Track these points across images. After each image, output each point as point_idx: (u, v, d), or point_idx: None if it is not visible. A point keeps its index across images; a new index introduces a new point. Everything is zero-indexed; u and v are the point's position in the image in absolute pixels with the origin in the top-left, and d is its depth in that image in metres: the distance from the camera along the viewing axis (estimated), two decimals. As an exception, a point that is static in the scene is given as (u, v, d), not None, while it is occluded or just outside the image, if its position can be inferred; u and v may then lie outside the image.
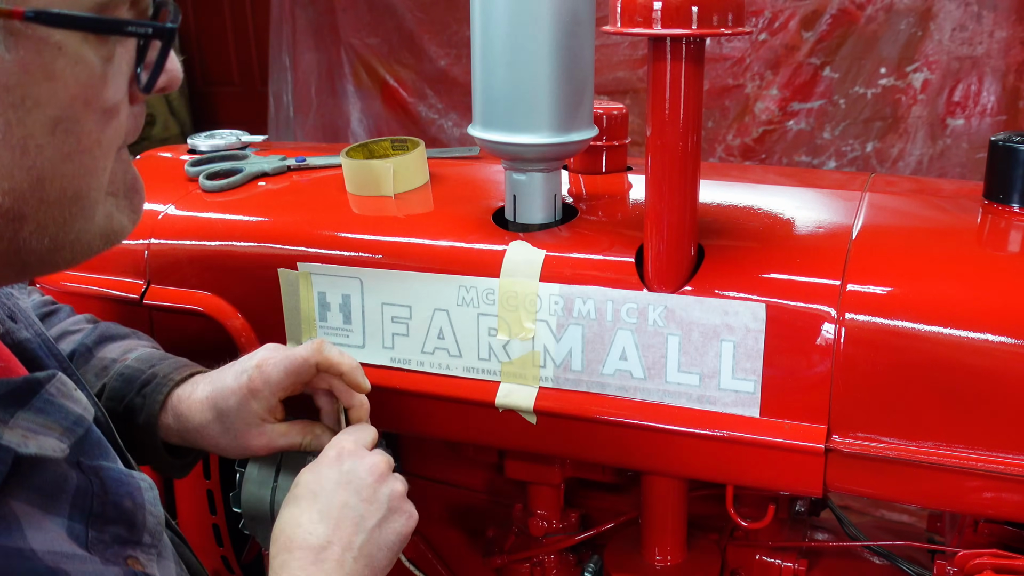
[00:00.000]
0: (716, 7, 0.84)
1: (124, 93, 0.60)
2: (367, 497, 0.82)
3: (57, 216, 0.58)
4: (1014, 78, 2.63)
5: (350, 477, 0.83)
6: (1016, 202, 1.03)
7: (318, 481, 0.82)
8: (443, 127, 3.39)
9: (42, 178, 0.56)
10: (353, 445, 0.86)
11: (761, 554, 1.15)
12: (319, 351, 0.90)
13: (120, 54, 0.58)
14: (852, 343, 0.90)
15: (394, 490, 0.85)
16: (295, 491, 0.83)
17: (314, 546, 0.77)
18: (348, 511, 0.80)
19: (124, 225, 0.65)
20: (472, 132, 1.04)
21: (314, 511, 0.80)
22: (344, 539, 0.79)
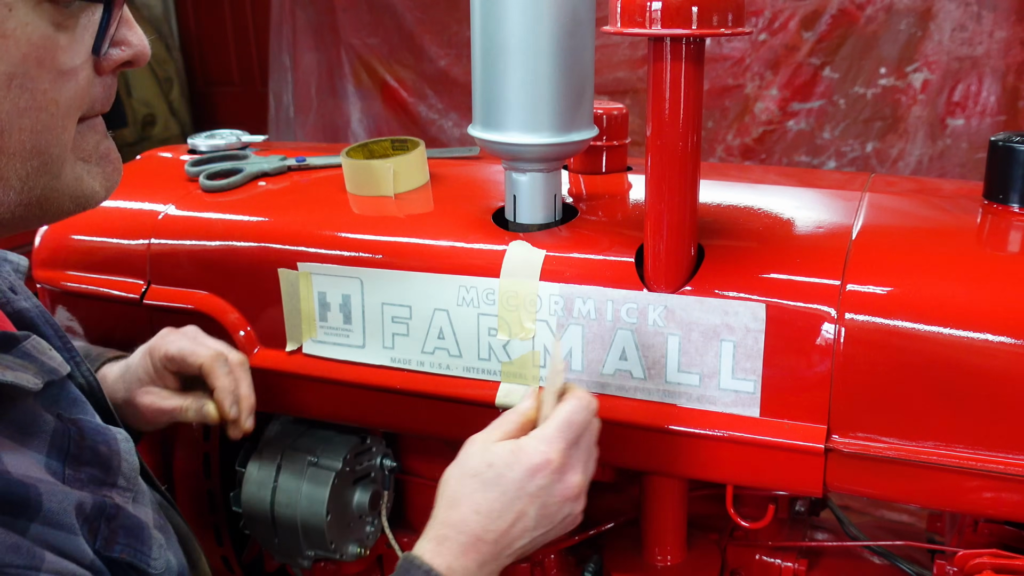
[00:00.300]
0: (716, 7, 0.84)
1: (83, 60, 0.63)
2: (546, 515, 0.83)
3: (19, 169, 0.62)
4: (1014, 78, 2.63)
5: (541, 493, 0.82)
6: (1016, 202, 1.03)
7: (510, 481, 0.82)
8: (443, 127, 3.38)
9: (1, 130, 0.60)
10: (560, 459, 0.82)
11: (761, 554, 1.15)
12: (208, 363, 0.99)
13: (84, 25, 0.62)
14: (852, 343, 0.90)
15: (574, 510, 0.85)
16: (487, 472, 0.82)
17: (482, 539, 0.81)
18: (523, 520, 0.82)
19: (95, 191, 0.69)
20: (472, 132, 1.04)
21: (495, 508, 0.82)
22: (507, 541, 0.82)
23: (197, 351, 0.99)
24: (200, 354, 0.99)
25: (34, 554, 0.62)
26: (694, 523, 1.15)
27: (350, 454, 1.15)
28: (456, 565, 0.80)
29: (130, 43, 0.67)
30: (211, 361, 0.99)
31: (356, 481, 1.17)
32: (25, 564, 0.61)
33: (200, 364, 0.99)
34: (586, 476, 0.85)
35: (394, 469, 1.22)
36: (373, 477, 1.19)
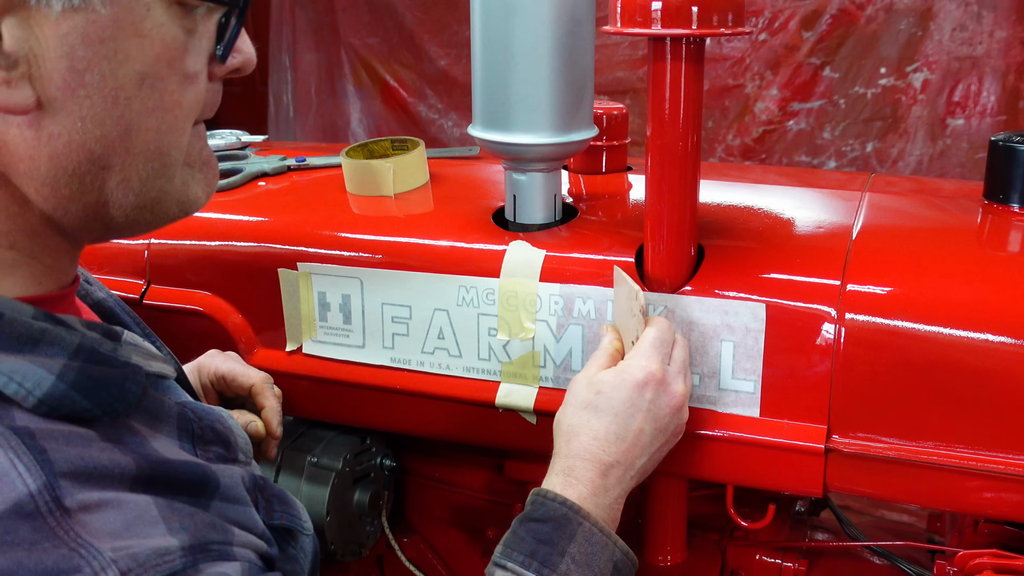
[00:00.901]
0: (716, 7, 0.84)
1: (203, 65, 0.64)
2: (661, 428, 0.87)
3: (140, 170, 0.63)
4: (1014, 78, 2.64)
5: (651, 407, 0.86)
6: (1016, 202, 1.03)
7: (621, 400, 0.86)
8: (443, 127, 3.38)
9: (129, 129, 0.61)
10: (661, 371, 0.87)
11: (761, 554, 1.15)
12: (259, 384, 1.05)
13: (202, 30, 0.63)
14: (852, 343, 0.90)
15: (680, 421, 0.90)
16: (597, 399, 0.86)
17: (605, 462, 0.85)
18: (641, 437, 0.86)
19: (198, 196, 0.69)
20: (472, 132, 1.04)
21: (612, 430, 0.85)
22: (629, 461, 0.86)
23: (248, 373, 1.06)
24: (251, 376, 1.05)
25: (226, 529, 0.63)
26: (694, 523, 1.15)
27: (350, 454, 1.15)
28: (586, 492, 0.83)
29: (241, 50, 0.67)
30: (261, 383, 1.05)
31: (356, 481, 1.17)
32: (222, 540, 0.62)
33: (251, 385, 1.05)
34: (687, 387, 0.89)
35: (394, 469, 1.22)
36: (373, 477, 1.19)
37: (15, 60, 0.56)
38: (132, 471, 0.59)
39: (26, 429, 0.56)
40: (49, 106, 0.58)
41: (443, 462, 1.28)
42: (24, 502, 0.53)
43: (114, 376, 0.62)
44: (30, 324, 0.60)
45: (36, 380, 0.58)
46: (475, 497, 1.28)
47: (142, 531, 0.57)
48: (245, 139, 1.44)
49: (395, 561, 1.23)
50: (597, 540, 0.81)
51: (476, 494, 1.27)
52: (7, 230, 0.62)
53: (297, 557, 0.77)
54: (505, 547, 0.81)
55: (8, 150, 0.59)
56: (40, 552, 0.53)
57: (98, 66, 0.58)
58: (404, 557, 1.22)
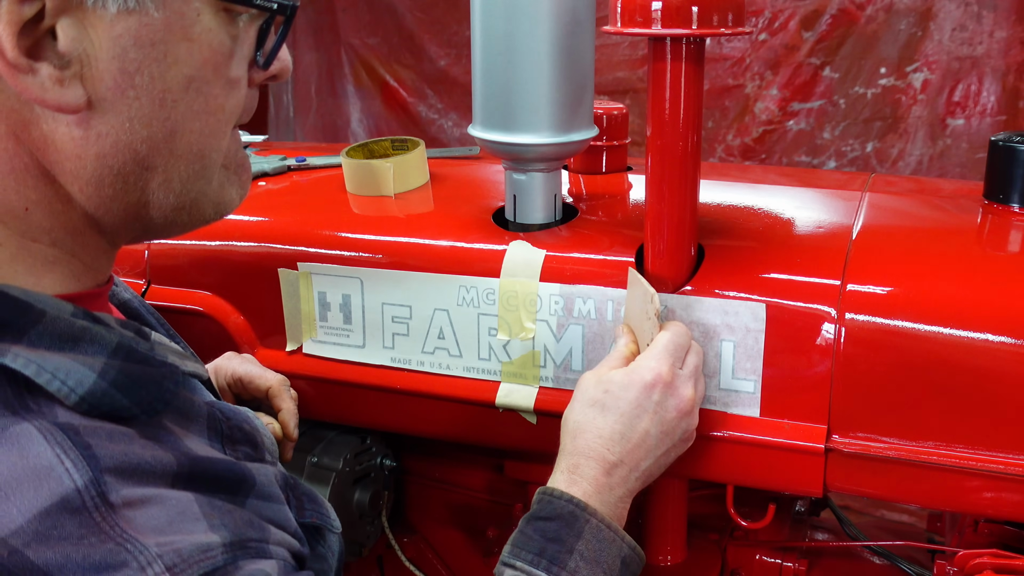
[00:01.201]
0: (716, 7, 0.84)
1: (245, 71, 0.66)
2: (667, 431, 0.87)
3: (183, 171, 0.64)
4: (1014, 78, 2.63)
5: (658, 409, 0.86)
6: (1016, 202, 1.03)
7: (628, 400, 0.86)
8: (443, 127, 3.38)
9: (174, 131, 0.62)
10: (671, 374, 0.87)
11: (761, 554, 1.15)
12: (276, 387, 1.05)
13: (244, 37, 0.64)
14: (852, 343, 0.90)
15: (689, 425, 0.89)
16: (604, 397, 0.87)
17: (609, 461, 0.85)
18: (647, 439, 0.86)
19: (233, 198, 0.71)
20: (472, 132, 1.04)
21: (616, 429, 0.85)
22: (634, 461, 0.86)
23: (265, 375, 1.06)
24: (268, 378, 1.06)
25: (263, 527, 0.64)
26: (694, 523, 1.15)
27: (350, 454, 1.15)
28: (591, 490, 0.83)
29: (279, 57, 0.68)
30: (279, 385, 1.05)
31: (356, 481, 1.17)
32: (260, 538, 0.63)
33: (268, 387, 1.05)
34: (698, 393, 0.89)
35: (394, 469, 1.22)
36: (373, 477, 1.19)
37: (68, 60, 0.57)
38: (173, 468, 0.60)
39: (70, 425, 0.56)
40: (99, 106, 0.59)
41: (443, 462, 1.28)
42: (71, 497, 0.54)
43: (152, 375, 0.63)
44: (71, 322, 0.61)
45: (78, 378, 0.58)
46: (475, 497, 1.28)
47: (184, 527, 0.58)
48: (245, 139, 1.44)
49: (395, 561, 1.23)
50: (605, 536, 0.81)
51: (476, 494, 1.28)
52: (50, 227, 0.63)
53: (326, 556, 0.77)
54: (513, 546, 0.81)
55: (55, 148, 0.60)
56: (87, 547, 0.53)
57: (148, 68, 0.59)
58: (404, 557, 1.22)
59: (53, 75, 0.57)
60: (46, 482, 0.54)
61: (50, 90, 0.57)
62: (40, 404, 0.57)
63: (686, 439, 0.90)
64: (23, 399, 0.57)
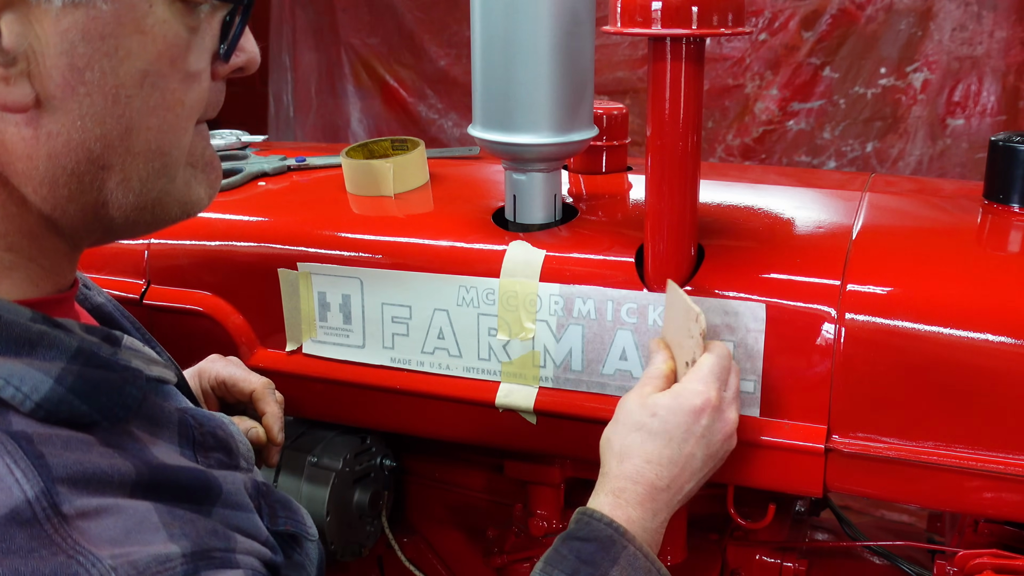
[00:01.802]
0: (716, 7, 0.84)
1: (206, 64, 0.63)
2: (711, 454, 0.87)
3: (141, 170, 0.62)
4: (1014, 78, 2.63)
5: (706, 434, 0.86)
6: (1016, 202, 1.03)
7: (677, 425, 0.85)
8: (443, 127, 3.38)
9: (130, 128, 0.60)
10: (718, 398, 0.86)
11: (761, 554, 1.15)
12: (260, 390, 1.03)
13: (205, 28, 0.62)
14: (852, 343, 0.90)
15: (730, 448, 0.89)
16: (652, 421, 0.85)
17: (656, 486, 0.84)
18: (692, 463, 0.86)
19: (201, 197, 0.68)
20: (472, 132, 1.04)
21: (666, 455, 0.85)
22: (679, 485, 0.86)
23: (249, 378, 1.04)
24: (252, 381, 1.03)
25: (228, 536, 0.62)
26: (694, 523, 1.15)
27: (350, 454, 1.15)
28: (635, 515, 0.83)
29: (244, 49, 0.66)
30: (262, 388, 1.03)
31: (356, 481, 1.17)
32: (225, 547, 0.61)
33: (252, 390, 1.03)
34: (737, 414, 0.89)
35: (394, 469, 1.22)
36: (373, 477, 1.19)
37: (14, 57, 0.55)
38: (132, 477, 0.58)
39: (23, 434, 0.55)
40: (48, 104, 0.57)
41: (443, 462, 1.28)
42: (21, 509, 0.52)
43: (113, 380, 0.61)
44: (28, 327, 0.59)
45: (34, 384, 0.57)
46: (475, 497, 1.28)
47: (142, 538, 0.56)
48: (245, 139, 1.44)
49: (395, 561, 1.23)
50: (640, 565, 0.80)
51: (476, 494, 1.28)
52: (5, 231, 0.61)
53: (303, 564, 0.76)
54: (546, 564, 0.80)
55: (5, 149, 0.58)
56: (37, 560, 0.51)
57: (99, 63, 0.57)
58: (404, 557, 1.22)
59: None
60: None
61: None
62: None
63: (725, 457, 0.89)
64: None
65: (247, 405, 1.05)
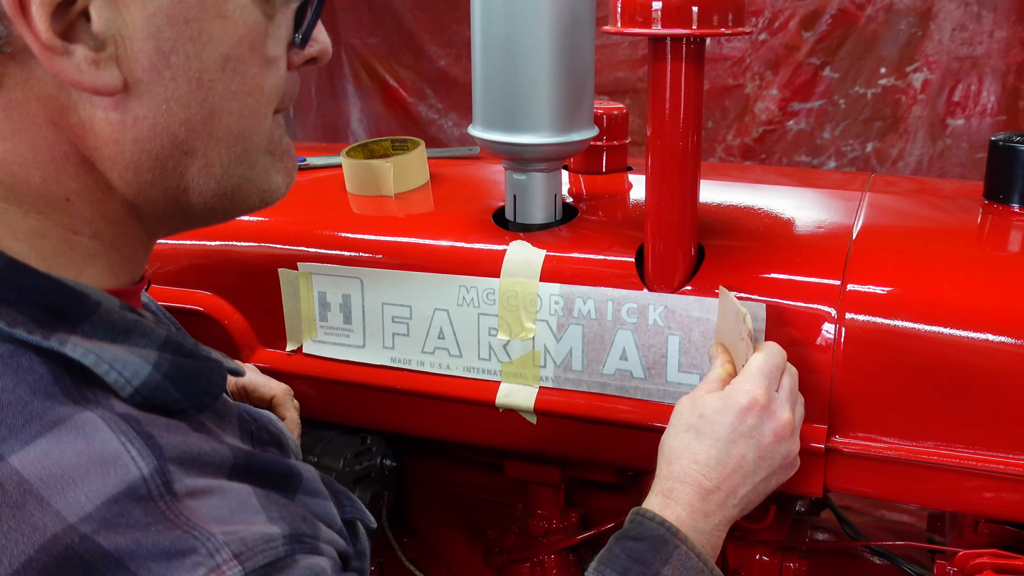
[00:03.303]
0: (716, 7, 0.84)
1: (283, 52, 0.64)
2: (763, 455, 0.85)
3: (223, 155, 0.62)
4: (1014, 78, 2.63)
5: (754, 433, 0.84)
6: (1016, 202, 1.03)
7: (723, 425, 0.84)
8: (443, 127, 3.38)
9: (212, 112, 0.60)
10: (767, 397, 0.85)
11: (761, 554, 1.15)
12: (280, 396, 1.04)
13: (280, 18, 0.63)
14: (852, 343, 0.90)
15: (790, 451, 0.86)
16: (699, 422, 0.85)
17: (705, 487, 0.83)
18: (743, 464, 0.84)
19: (279, 185, 0.68)
20: (472, 132, 1.04)
21: (712, 455, 0.84)
22: (731, 487, 0.84)
23: (270, 384, 1.05)
24: (272, 387, 1.04)
25: (314, 524, 0.64)
26: (694, 523, 1.15)
27: (350, 454, 1.15)
28: (685, 515, 0.82)
29: (318, 39, 0.67)
30: (283, 395, 1.04)
31: (356, 481, 1.17)
32: (312, 534, 0.62)
33: (273, 396, 1.04)
34: (796, 416, 0.87)
35: (394, 469, 1.22)
36: (373, 477, 1.19)
37: (103, 41, 0.56)
38: (230, 460, 0.60)
39: (130, 415, 0.56)
40: (135, 88, 0.58)
41: (443, 462, 1.28)
42: (137, 485, 0.54)
43: (202, 369, 0.63)
44: (123, 315, 0.60)
45: (134, 370, 0.58)
46: (475, 497, 1.28)
47: (245, 518, 0.58)
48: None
49: (395, 561, 1.23)
50: (693, 565, 0.79)
51: (476, 494, 1.28)
52: (90, 217, 0.62)
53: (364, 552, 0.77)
54: (599, 563, 0.80)
55: (94, 134, 0.59)
56: (155, 533, 0.53)
57: (183, 47, 0.58)
58: (404, 557, 1.22)
59: (89, 57, 0.56)
60: (113, 470, 0.53)
61: (86, 72, 0.56)
62: (96, 394, 0.57)
63: (787, 464, 0.87)
64: (81, 388, 0.57)
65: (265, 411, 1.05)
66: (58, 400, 0.55)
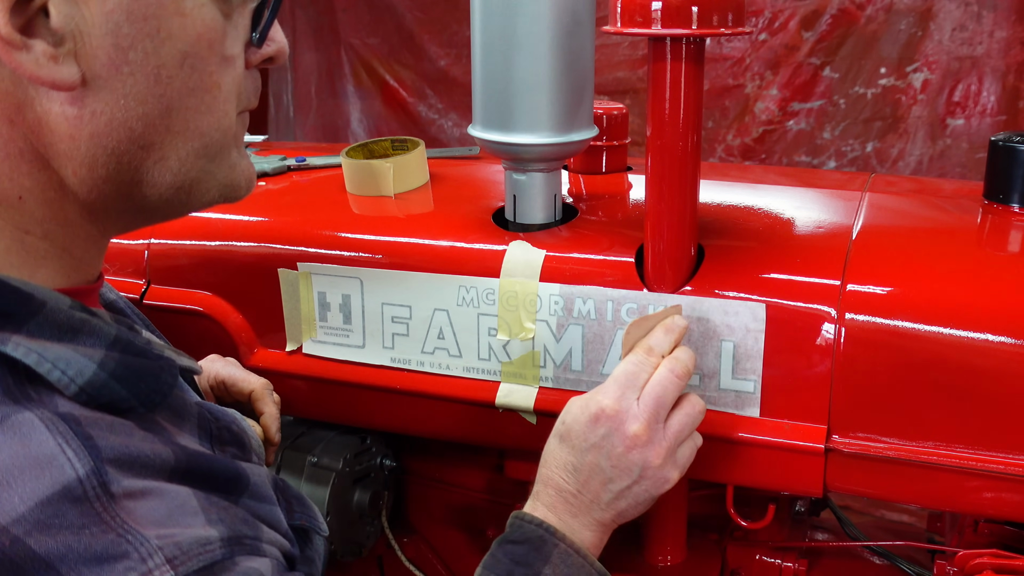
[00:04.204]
0: (716, 7, 0.84)
1: (240, 50, 0.65)
2: (616, 464, 0.85)
3: (179, 149, 0.63)
4: (1014, 78, 2.63)
5: (603, 443, 0.85)
6: (1016, 202, 1.03)
7: (577, 434, 0.86)
8: (443, 127, 3.38)
9: (170, 108, 0.61)
10: (615, 408, 0.84)
11: (761, 554, 1.15)
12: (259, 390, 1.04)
13: (238, 18, 0.65)
14: (852, 343, 0.90)
15: (647, 460, 0.85)
16: (562, 428, 0.87)
17: (567, 491, 0.86)
18: (598, 472, 0.85)
19: (240, 183, 0.70)
20: (472, 132, 1.04)
21: (570, 461, 0.86)
22: (592, 493, 0.85)
23: (248, 379, 1.05)
24: (251, 382, 1.05)
25: (256, 526, 0.64)
26: (694, 523, 1.15)
27: (350, 454, 1.15)
28: (553, 517, 0.85)
29: (274, 38, 0.69)
30: (261, 389, 1.04)
31: (356, 481, 1.17)
32: (254, 535, 0.63)
33: (251, 391, 1.04)
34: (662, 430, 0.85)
35: (394, 469, 1.22)
36: (373, 477, 1.19)
37: (62, 37, 0.57)
38: (171, 462, 0.60)
39: (71, 416, 0.56)
40: (93, 83, 0.59)
41: (443, 462, 1.28)
42: (73, 486, 0.54)
43: (150, 367, 0.63)
44: (71, 314, 0.61)
45: (78, 368, 0.58)
46: (475, 497, 1.28)
47: (183, 520, 0.58)
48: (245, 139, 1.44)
49: (395, 561, 1.23)
50: (574, 562, 0.82)
51: (476, 494, 1.27)
52: (43, 217, 0.62)
53: (313, 559, 0.77)
54: (484, 569, 0.82)
55: (49, 129, 0.59)
56: (88, 536, 0.53)
57: (141, 44, 0.59)
58: (404, 557, 1.22)
59: (47, 52, 0.56)
60: (48, 471, 0.53)
61: (44, 66, 0.57)
62: (40, 394, 0.57)
63: (650, 475, 0.85)
64: (24, 388, 0.57)
65: (244, 405, 1.05)
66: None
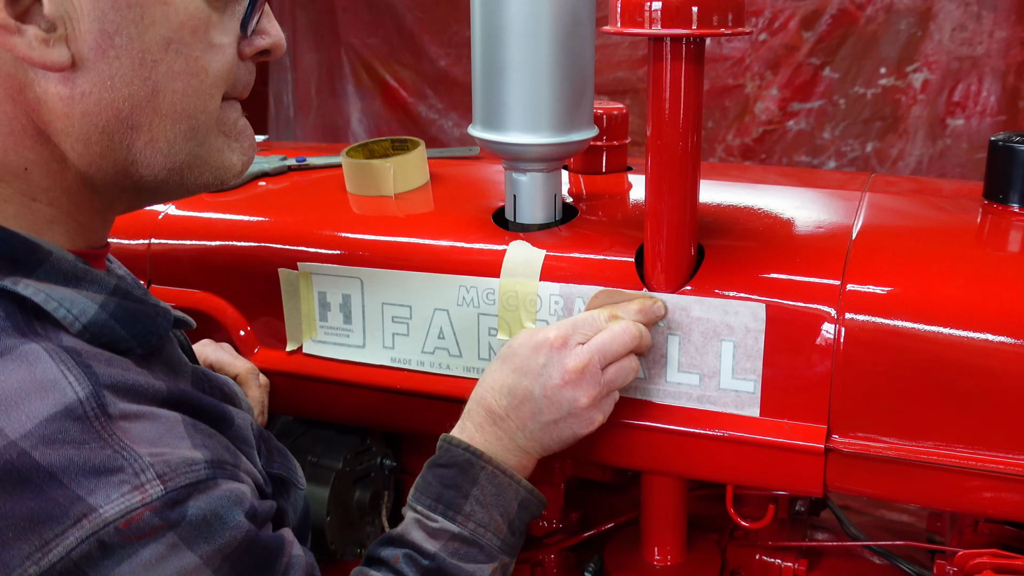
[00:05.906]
0: (716, 7, 0.84)
1: (231, 40, 0.70)
2: (548, 395, 0.88)
3: (168, 130, 0.68)
4: (1014, 78, 2.64)
5: (540, 371, 0.88)
6: (1016, 202, 1.03)
7: (520, 357, 0.89)
8: (443, 127, 3.38)
9: (156, 90, 0.66)
10: (560, 341, 0.88)
11: (761, 554, 1.15)
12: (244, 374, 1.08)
13: (230, 11, 0.69)
14: (852, 343, 0.90)
15: (576, 399, 0.88)
16: (506, 351, 0.91)
17: (495, 412, 0.89)
18: (529, 399, 0.88)
19: (233, 163, 0.74)
20: (472, 132, 1.04)
21: (506, 383, 0.89)
22: (520, 420, 0.88)
23: (235, 363, 1.08)
24: (237, 365, 1.08)
25: (236, 455, 0.70)
26: (694, 523, 1.15)
27: (350, 454, 1.15)
28: (477, 436, 0.88)
29: (269, 32, 0.74)
30: (247, 373, 1.08)
31: (356, 481, 1.17)
32: (234, 463, 0.68)
33: (237, 374, 1.07)
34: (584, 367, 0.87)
35: (394, 469, 1.22)
36: (373, 477, 1.20)
37: (53, 23, 0.62)
38: (163, 392, 0.66)
39: (73, 348, 0.63)
40: (82, 65, 0.64)
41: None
42: (73, 406, 0.60)
43: (147, 311, 0.71)
44: (75, 264, 0.68)
45: (82, 308, 0.65)
46: (475, 497, 1.28)
47: (172, 442, 0.64)
48: (245, 139, 1.44)
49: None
50: (501, 481, 0.86)
51: (476, 494, 1.27)
52: (47, 186, 0.68)
53: (286, 509, 0.82)
54: (416, 491, 0.86)
55: (47, 108, 0.65)
56: (88, 451, 0.59)
57: (127, 29, 0.64)
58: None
59: (40, 36, 0.62)
60: (51, 393, 0.59)
61: (37, 49, 0.62)
62: (47, 329, 0.64)
63: (577, 414, 0.88)
64: (32, 324, 0.63)
65: None
66: (8, 333, 0.62)
